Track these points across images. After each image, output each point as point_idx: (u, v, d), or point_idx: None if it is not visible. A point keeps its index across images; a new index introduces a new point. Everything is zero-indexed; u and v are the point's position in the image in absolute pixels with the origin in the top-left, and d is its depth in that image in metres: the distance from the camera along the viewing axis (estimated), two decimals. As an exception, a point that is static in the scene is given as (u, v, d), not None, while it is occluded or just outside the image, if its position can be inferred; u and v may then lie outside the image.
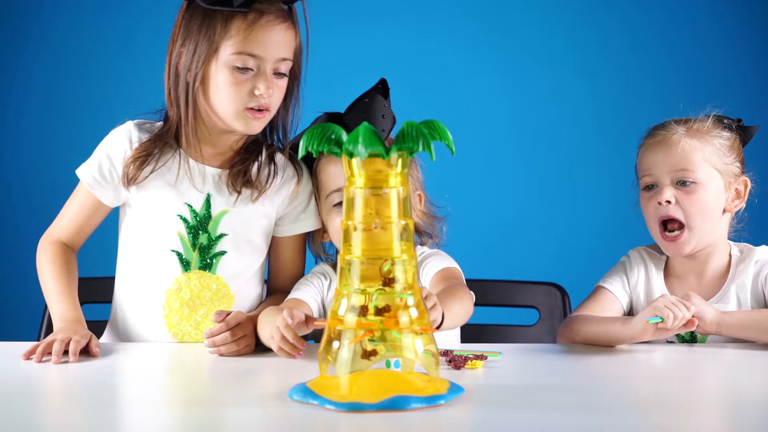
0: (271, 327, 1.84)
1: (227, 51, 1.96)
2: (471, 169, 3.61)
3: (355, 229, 1.54)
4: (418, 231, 2.14)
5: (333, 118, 2.01)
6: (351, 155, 1.51)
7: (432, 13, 3.71)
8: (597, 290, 2.14)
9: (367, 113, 1.95)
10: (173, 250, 2.05)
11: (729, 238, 2.14)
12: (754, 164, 2.15)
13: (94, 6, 3.67)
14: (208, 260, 2.05)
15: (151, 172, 2.04)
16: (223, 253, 2.06)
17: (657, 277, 2.13)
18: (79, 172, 2.08)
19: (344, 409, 1.48)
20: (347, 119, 1.98)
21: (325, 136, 1.52)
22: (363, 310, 1.52)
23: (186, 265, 2.05)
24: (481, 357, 1.83)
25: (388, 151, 1.51)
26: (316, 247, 2.16)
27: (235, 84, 1.97)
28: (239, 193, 2.05)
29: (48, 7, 3.65)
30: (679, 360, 1.92)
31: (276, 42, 1.98)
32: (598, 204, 3.64)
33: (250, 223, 2.08)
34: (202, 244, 2.05)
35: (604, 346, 1.98)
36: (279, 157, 2.11)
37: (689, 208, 2.04)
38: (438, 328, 1.88)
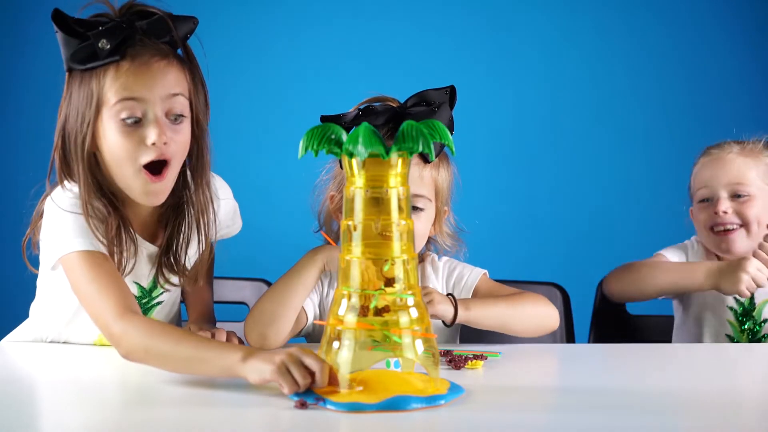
0: None
1: (109, 104, 1.79)
2: (471, 169, 3.60)
3: (355, 229, 1.54)
4: (433, 243, 2.11)
5: (397, 115, 1.90)
6: (351, 155, 1.51)
7: (431, 9, 3.71)
8: (654, 256, 2.27)
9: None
10: None
11: None
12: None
13: None
14: (146, 311, 1.98)
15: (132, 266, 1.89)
16: (159, 303, 2.00)
17: None
18: (67, 250, 1.81)
19: (344, 409, 1.48)
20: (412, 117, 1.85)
21: (325, 136, 1.52)
22: (363, 310, 1.52)
23: None
24: (481, 357, 1.83)
25: (388, 151, 1.51)
26: (327, 229, 2.05)
27: (124, 135, 1.79)
28: (181, 286, 1.98)
29: None
30: (681, 360, 1.92)
31: (158, 78, 1.80)
32: (598, 204, 3.64)
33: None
34: (143, 302, 1.97)
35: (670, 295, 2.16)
36: (202, 208, 1.94)
37: (746, 214, 2.20)
38: (453, 322, 1.93)
